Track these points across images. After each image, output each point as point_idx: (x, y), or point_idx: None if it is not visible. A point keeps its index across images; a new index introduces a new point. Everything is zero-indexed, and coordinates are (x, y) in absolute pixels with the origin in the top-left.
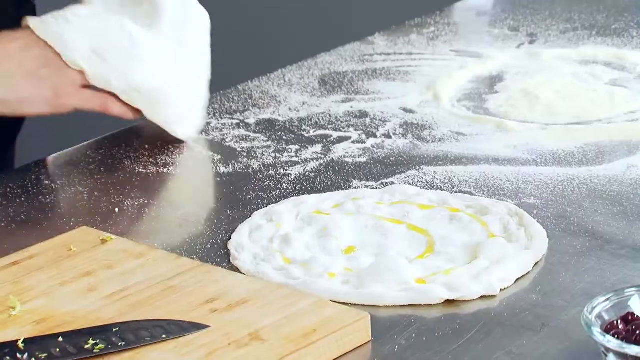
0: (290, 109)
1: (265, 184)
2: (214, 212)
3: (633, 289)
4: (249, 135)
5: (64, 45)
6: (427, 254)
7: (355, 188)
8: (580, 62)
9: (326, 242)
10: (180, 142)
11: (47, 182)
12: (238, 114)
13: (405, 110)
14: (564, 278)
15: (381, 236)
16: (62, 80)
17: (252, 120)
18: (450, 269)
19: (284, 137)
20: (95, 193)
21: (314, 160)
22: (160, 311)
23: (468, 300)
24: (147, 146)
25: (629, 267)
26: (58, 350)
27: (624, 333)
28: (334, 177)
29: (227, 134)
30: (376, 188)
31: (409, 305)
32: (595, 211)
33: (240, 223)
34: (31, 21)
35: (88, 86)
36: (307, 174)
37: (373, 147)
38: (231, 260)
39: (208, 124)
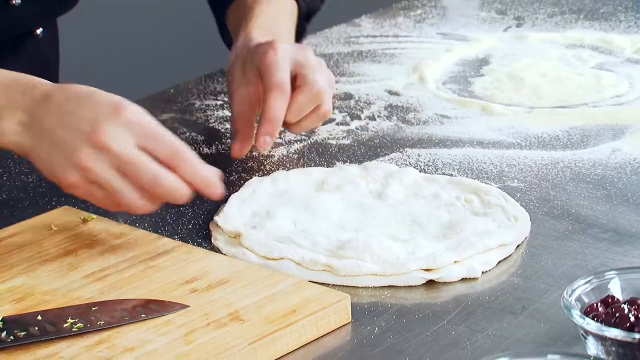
0: None
1: (248, 165)
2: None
3: (613, 271)
4: None
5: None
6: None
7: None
8: (567, 45)
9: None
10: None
11: (28, 161)
12: (222, 95)
13: (390, 92)
14: (545, 261)
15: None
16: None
17: None
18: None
19: None
20: None
21: (298, 142)
22: (140, 290)
23: (449, 283)
24: None
25: (611, 250)
26: (37, 328)
27: (603, 316)
28: (317, 158)
29: (210, 115)
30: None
31: (389, 286)
32: (578, 194)
33: (223, 204)
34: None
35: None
36: (290, 155)
37: (357, 129)
38: (212, 241)
39: (192, 104)
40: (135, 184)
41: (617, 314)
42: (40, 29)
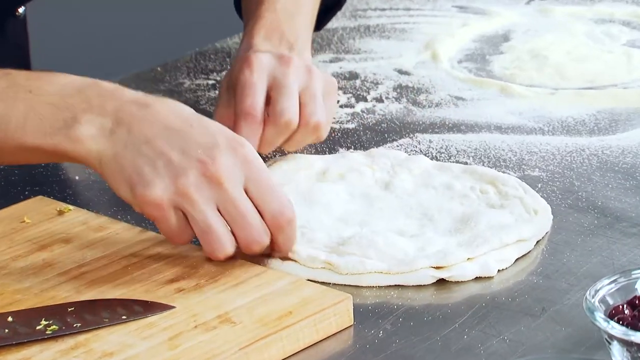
0: None
1: None
2: None
3: None
4: None
5: None
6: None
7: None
8: (595, 20)
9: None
10: None
11: None
12: (215, 73)
13: (400, 71)
14: (568, 258)
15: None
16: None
17: None
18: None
19: None
20: None
21: None
22: (121, 289)
23: (462, 282)
24: None
25: None
26: (7, 331)
27: (629, 319)
28: (318, 144)
29: (201, 96)
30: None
31: (396, 286)
32: (605, 185)
33: None
34: None
35: None
36: None
37: (363, 112)
38: None
39: (181, 84)
40: (230, 227)
41: None
42: (22, 8)
